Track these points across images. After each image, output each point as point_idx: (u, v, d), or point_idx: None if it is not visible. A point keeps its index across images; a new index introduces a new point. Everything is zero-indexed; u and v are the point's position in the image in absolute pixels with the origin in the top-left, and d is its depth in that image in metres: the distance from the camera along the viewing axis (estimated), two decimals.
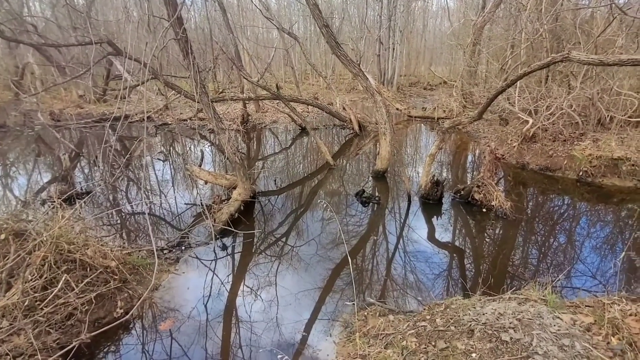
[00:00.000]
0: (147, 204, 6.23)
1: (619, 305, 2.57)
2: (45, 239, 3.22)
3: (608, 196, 6.51)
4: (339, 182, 7.73)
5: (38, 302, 3.04)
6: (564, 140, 7.90)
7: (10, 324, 2.84)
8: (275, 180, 7.59)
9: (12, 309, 2.92)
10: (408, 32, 25.74)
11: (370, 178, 7.74)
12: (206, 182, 6.57)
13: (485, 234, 5.38)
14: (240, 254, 4.83)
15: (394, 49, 21.65)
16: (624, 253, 3.94)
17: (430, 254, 4.72)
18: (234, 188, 6.10)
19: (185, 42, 4.58)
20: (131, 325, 3.42)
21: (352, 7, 26.44)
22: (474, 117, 6.62)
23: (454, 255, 4.81)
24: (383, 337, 2.85)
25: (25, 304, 2.90)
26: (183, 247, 4.68)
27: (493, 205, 5.69)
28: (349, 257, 3.39)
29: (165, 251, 4.51)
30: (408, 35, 26.11)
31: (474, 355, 2.36)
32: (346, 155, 9.86)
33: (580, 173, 7.13)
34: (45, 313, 3.00)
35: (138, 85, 9.80)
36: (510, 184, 7.25)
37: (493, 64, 11.73)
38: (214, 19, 16.03)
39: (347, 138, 12.07)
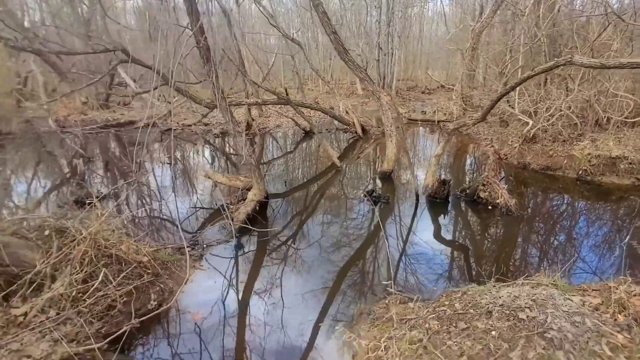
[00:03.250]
0: (172, 205, 6.44)
1: (624, 286, 2.80)
2: (85, 235, 3.42)
3: (607, 193, 6.77)
4: (347, 182, 7.96)
5: (80, 294, 3.23)
6: (564, 141, 8.18)
7: (57, 314, 3.04)
8: (285, 182, 7.81)
9: (59, 300, 3.12)
10: (405, 37, 26.18)
11: (377, 178, 7.97)
12: (221, 184, 6.78)
13: (492, 229, 5.61)
14: (257, 251, 5.02)
15: (392, 54, 22.04)
16: (627, 239, 4.18)
17: (441, 248, 4.94)
18: (247, 190, 6.31)
19: (207, 50, 4.82)
20: (162, 316, 3.61)
21: (349, 14, 26.84)
22: (477, 118, 6.89)
23: (464, 248, 5.04)
24: (406, 322, 3.06)
25: (73, 294, 3.09)
26: (205, 245, 4.88)
27: (498, 203, 5.92)
28: (388, 252, 3.60)
29: (188, 249, 4.70)
30: (405, 40, 26.55)
31: (493, 332, 2.58)
32: (351, 158, 10.10)
33: (580, 172, 7.40)
34: (87, 304, 3.19)
35: (148, 91, 10.02)
36: (512, 183, 7.49)
37: (492, 68, 12.05)
38: (217, 26, 16.30)
39: (349, 141, 12.32)
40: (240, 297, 3.97)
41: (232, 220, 5.33)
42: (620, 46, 8.02)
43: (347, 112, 12.92)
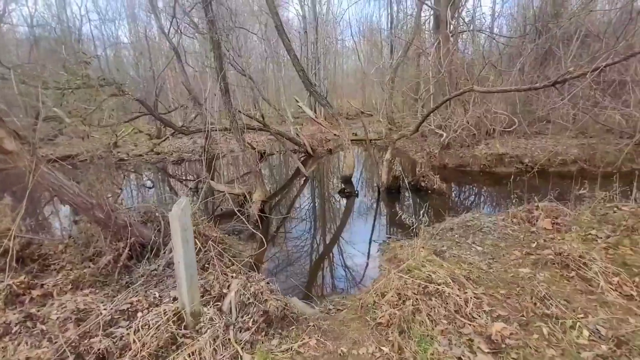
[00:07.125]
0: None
1: (515, 207, 5.18)
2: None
3: (500, 178, 9.76)
4: (318, 185, 9.85)
5: None
6: (468, 146, 11.26)
7: None
8: (270, 189, 9.39)
9: None
10: (328, 70, 29.71)
11: (341, 181, 10.01)
12: (224, 192, 8.10)
13: (434, 202, 7.97)
14: (271, 233, 6.59)
15: (321, 84, 25.10)
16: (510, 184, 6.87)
17: (405, 217, 7.08)
18: (247, 194, 7.79)
19: (227, 85, 6.42)
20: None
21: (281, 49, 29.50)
22: (413, 130, 9.37)
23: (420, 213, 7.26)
24: (407, 247, 5.01)
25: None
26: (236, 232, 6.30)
27: (435, 188, 8.36)
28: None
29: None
30: (328, 72, 30.08)
31: (456, 235, 4.67)
32: (312, 169, 12.06)
33: (481, 166, 10.40)
34: None
35: (131, 119, 10.80)
36: (438, 178, 10.16)
37: (409, 95, 15.30)
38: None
39: (301, 159, 14.34)
40: (274, 256, 5.54)
41: (249, 213, 6.82)
42: (494, 79, 11.52)
43: (297, 134, 14.93)
